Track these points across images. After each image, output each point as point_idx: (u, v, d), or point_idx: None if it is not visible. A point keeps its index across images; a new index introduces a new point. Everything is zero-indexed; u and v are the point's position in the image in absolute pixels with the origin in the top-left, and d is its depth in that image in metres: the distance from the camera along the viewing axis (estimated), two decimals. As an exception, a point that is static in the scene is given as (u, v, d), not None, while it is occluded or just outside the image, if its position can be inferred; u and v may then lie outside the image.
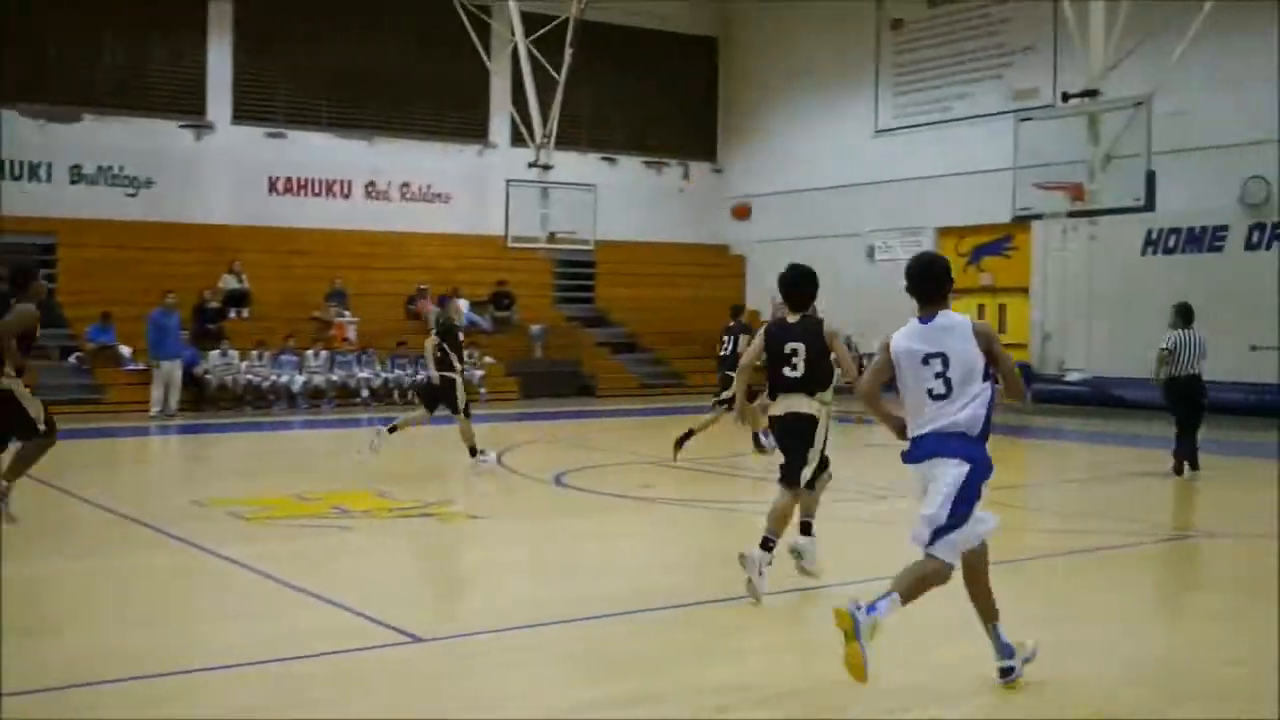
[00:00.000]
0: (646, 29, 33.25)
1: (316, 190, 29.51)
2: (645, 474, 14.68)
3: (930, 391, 6.21)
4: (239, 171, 28.37)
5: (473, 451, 14.72)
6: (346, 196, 29.81)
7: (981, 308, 28.35)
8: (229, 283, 26.49)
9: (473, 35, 27.59)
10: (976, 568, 6.36)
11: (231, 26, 28.31)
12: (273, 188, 28.95)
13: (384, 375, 25.76)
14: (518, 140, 29.76)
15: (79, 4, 26.66)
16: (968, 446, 6.17)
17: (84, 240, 26.17)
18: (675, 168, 34.37)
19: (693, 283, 32.96)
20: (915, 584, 6.12)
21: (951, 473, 6.13)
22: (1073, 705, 6.10)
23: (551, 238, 27.73)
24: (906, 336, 6.31)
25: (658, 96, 34.05)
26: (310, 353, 25.15)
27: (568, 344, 29.36)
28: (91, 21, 26.92)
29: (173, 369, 22.86)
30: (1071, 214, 19.97)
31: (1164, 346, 14.59)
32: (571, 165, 30.05)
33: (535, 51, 27.55)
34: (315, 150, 29.36)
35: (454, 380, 14.67)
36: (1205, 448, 15.25)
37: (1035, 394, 20.70)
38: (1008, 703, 6.10)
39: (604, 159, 33.02)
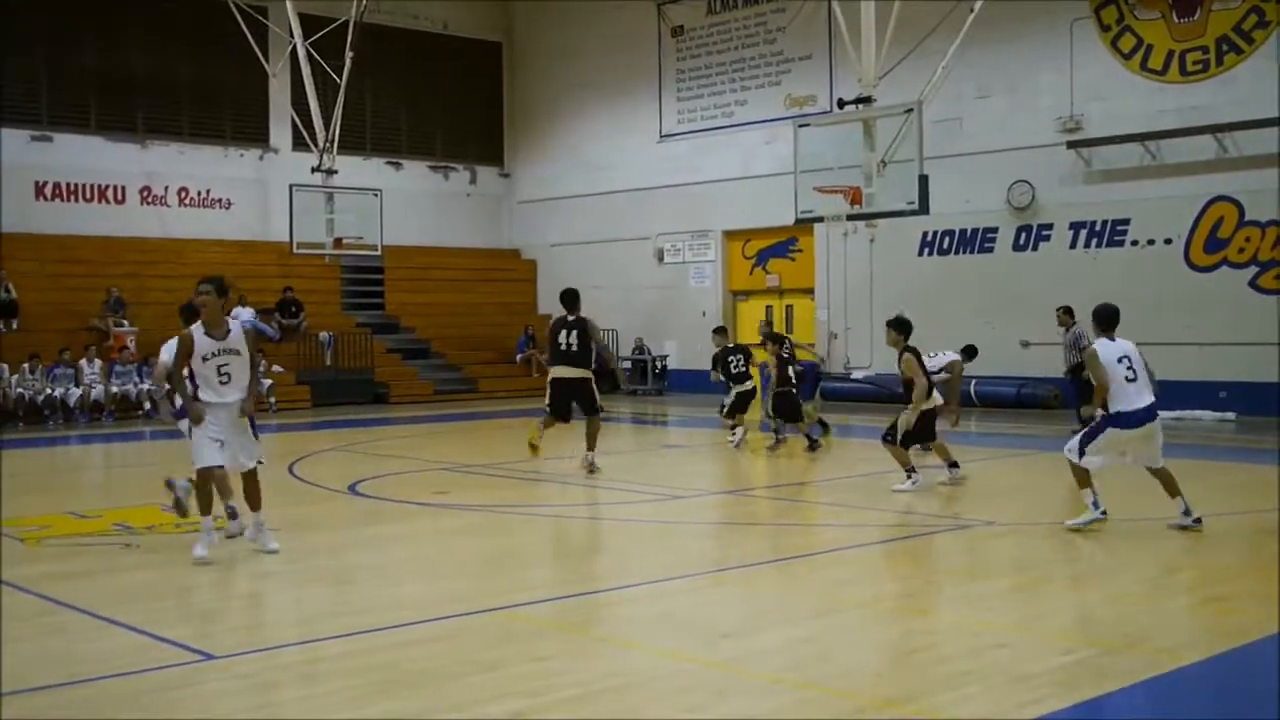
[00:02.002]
0: (430, 33, 33.04)
1: (87, 196, 28.40)
2: (440, 480, 14.55)
3: (1125, 378, 10.18)
4: (2, 176, 27.05)
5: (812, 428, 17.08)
6: (120, 202, 28.77)
7: (769, 309, 29.02)
8: (-4, 292, 25.29)
9: (249, 36, 26.92)
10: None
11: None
12: (39, 193, 27.73)
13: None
14: (300, 144, 29.16)
15: None
16: (1157, 408, 10.39)
17: None
18: (462, 172, 34.20)
19: (485, 287, 32.91)
20: (1171, 482, 10.44)
21: (1159, 424, 10.39)
22: (851, 693, 6.28)
23: (338, 243, 27.24)
24: (1105, 348, 10.32)
25: (443, 101, 33.83)
26: (85, 364, 24.17)
27: (358, 351, 28.92)
28: None
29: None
30: (850, 217, 20.52)
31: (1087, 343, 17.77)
32: (356, 170, 29.64)
33: (315, 54, 27.01)
34: (84, 154, 28.27)
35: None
36: (981, 441, 15.97)
37: (824, 392, 21.24)
38: (782, 697, 6.26)
39: (389, 163, 32.67)
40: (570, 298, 14.90)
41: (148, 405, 24.35)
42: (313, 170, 27.50)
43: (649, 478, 14.75)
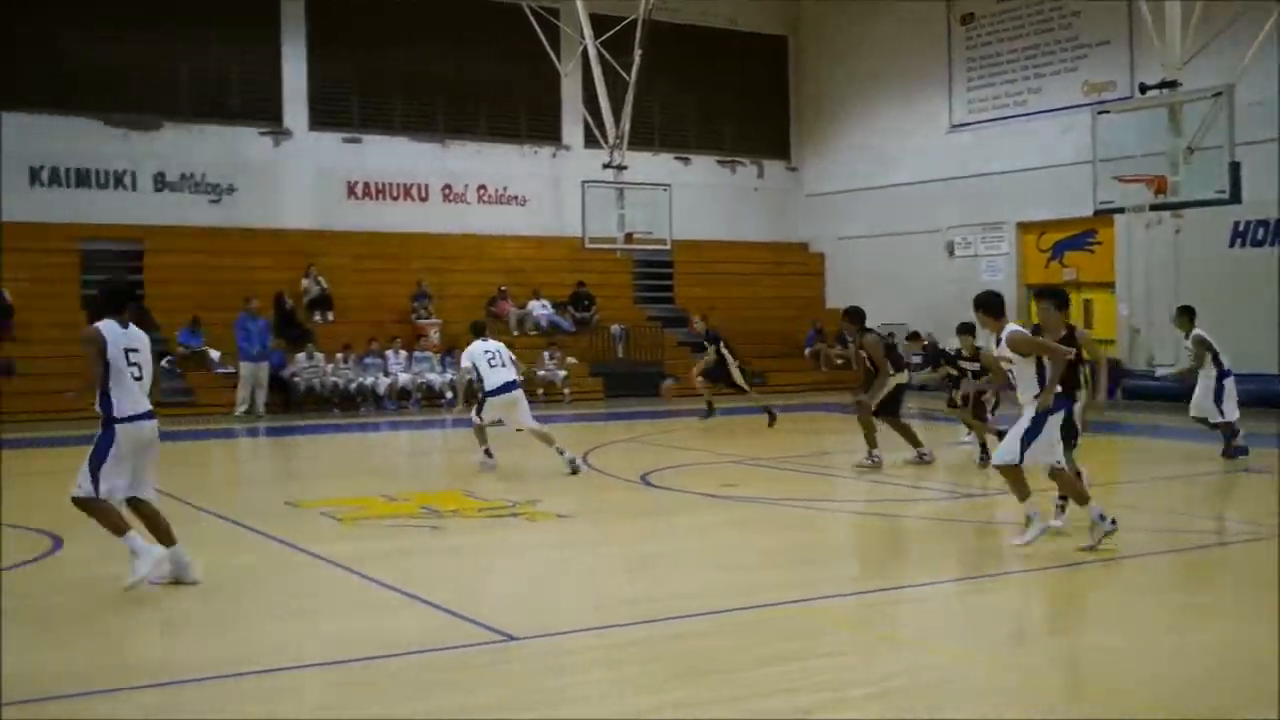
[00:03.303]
0: (716, 28, 33.26)
1: (394, 194, 29.81)
2: (730, 473, 14.69)
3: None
4: (317, 177, 28.79)
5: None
6: (424, 200, 30.10)
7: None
8: (310, 287, 26.88)
9: (542, 38, 27.74)
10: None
11: (305, 35, 28.70)
12: (351, 192, 29.30)
13: (469, 377, 25.92)
14: (591, 141, 29.87)
15: (155, 15, 27.14)
16: None
17: (169, 246, 26.73)
18: (749, 166, 34.33)
19: (772, 281, 32.96)
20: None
21: None
22: (1156, 706, 6.02)
23: (629, 238, 27.79)
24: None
25: (729, 95, 34.04)
26: (391, 354, 25.44)
27: (649, 344, 29.43)
28: (168, 32, 27.41)
29: (258, 370, 23.35)
30: (1154, 207, 19.71)
31: None
32: (645, 165, 30.10)
33: (605, 53, 27.62)
34: (391, 154, 29.68)
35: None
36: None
37: (1127, 390, 20.41)
38: (1080, 705, 6.07)
39: (678, 159, 33.06)
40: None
41: (449, 395, 25.46)
42: (604, 166, 28.13)
43: (938, 475, 14.51)
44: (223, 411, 23.21)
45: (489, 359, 14.80)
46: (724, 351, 20.46)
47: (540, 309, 28.98)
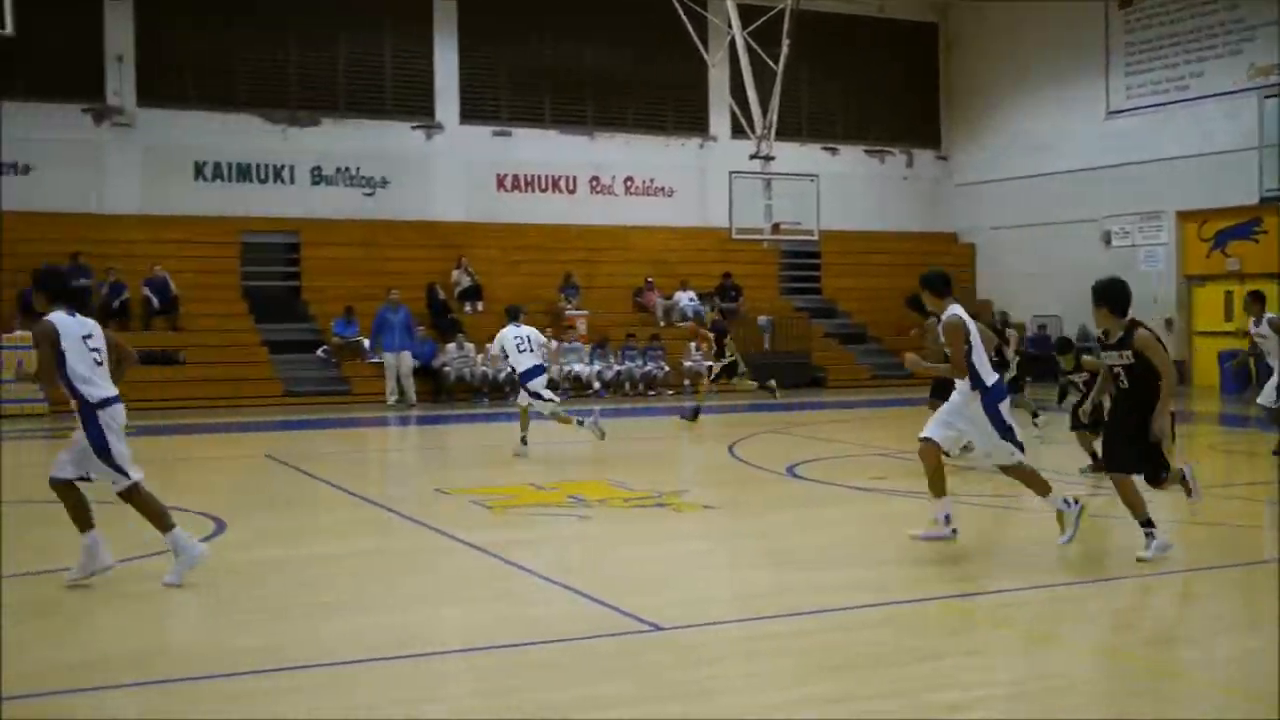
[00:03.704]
0: (864, 17, 32.89)
1: (542, 186, 30.10)
2: (877, 465, 14.53)
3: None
4: (468, 170, 29.21)
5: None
6: (571, 192, 30.34)
7: (1229, 294, 27.18)
8: (460, 278, 27.31)
9: (689, 29, 27.73)
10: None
11: (456, 30, 29.12)
12: (501, 184, 29.66)
13: (616, 367, 26.15)
14: (738, 132, 29.82)
15: (313, 14, 27.86)
16: None
17: (326, 239, 27.44)
18: (898, 156, 33.89)
19: (921, 272, 32.47)
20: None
21: None
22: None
23: (775, 229, 27.67)
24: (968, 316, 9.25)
25: (878, 85, 33.62)
26: (542, 345, 25.73)
27: (796, 334, 29.28)
28: (325, 30, 28.11)
29: (399, 361, 23.85)
30: (1325, 194, 19.02)
31: None
32: (792, 156, 29.89)
33: (752, 43, 27.52)
34: (540, 147, 29.95)
35: None
36: None
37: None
38: (1233, 711, 5.87)
39: (825, 149, 32.77)
40: None
41: (596, 385, 25.67)
42: (751, 157, 28.04)
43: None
44: (376, 401, 23.73)
45: (518, 344, 15.56)
46: (724, 344, 20.61)
47: (687, 300, 29.02)
